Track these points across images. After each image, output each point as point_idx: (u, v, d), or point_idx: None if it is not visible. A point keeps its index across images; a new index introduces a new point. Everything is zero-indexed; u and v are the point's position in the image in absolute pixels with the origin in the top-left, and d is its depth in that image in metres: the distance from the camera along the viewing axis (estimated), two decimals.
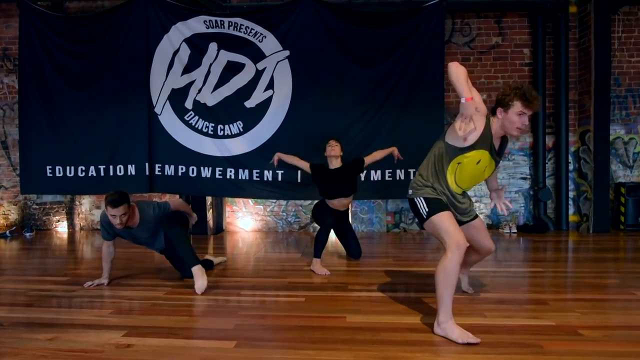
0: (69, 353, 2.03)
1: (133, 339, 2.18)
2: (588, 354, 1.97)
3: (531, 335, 2.17)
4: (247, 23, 5.06)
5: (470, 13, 5.68)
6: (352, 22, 5.06)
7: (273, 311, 2.65)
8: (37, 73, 5.30)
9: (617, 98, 5.74)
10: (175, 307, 2.74)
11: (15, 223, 6.11)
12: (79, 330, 2.31)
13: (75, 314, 2.61)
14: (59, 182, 5.32)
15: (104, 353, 2.02)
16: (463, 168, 2.32)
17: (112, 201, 2.93)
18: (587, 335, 2.18)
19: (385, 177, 5.09)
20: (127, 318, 2.51)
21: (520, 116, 2.18)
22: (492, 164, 2.37)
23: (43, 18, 5.27)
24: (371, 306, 2.69)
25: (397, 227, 5.85)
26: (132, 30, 5.16)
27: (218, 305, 2.79)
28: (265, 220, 5.96)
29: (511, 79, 5.72)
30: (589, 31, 5.39)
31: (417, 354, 1.98)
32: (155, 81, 5.18)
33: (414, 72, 5.09)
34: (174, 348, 2.08)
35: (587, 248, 4.66)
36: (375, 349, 2.04)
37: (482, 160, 2.31)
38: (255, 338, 2.21)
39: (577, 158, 5.70)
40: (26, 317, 2.53)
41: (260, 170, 5.13)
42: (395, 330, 2.27)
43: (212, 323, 2.45)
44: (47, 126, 5.31)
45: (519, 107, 2.16)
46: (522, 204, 5.80)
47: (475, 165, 2.32)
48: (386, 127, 5.08)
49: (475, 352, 1.98)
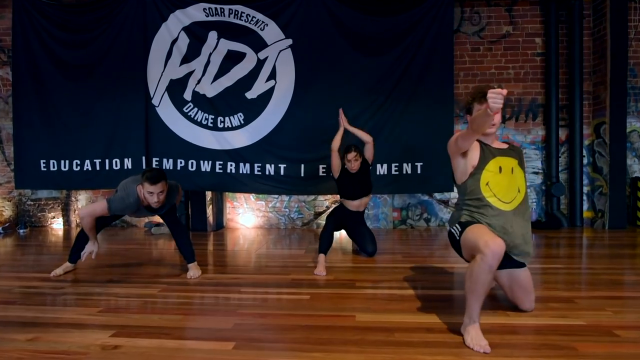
0: (49, 355, 1.83)
1: (121, 340, 1.98)
2: (628, 356, 1.76)
3: (562, 336, 1.95)
4: (248, 11, 4.87)
5: (480, 1, 5.46)
6: (356, 8, 4.86)
7: (275, 310, 2.44)
8: (32, 64, 5.14)
9: (632, 89, 5.51)
10: (169, 305, 2.54)
11: (9, 219, 5.92)
12: (63, 330, 2.11)
13: (60, 312, 2.41)
14: (54, 176, 5.15)
15: (87, 355, 1.82)
16: (492, 183, 2.14)
17: (151, 177, 2.75)
18: (623, 336, 1.97)
19: (392, 172, 4.90)
20: (117, 317, 2.31)
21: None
22: (514, 162, 2.19)
23: (37, 7, 5.10)
24: (382, 304, 2.47)
25: (403, 223, 5.63)
26: (129, 19, 4.99)
27: (216, 304, 2.58)
28: (267, 216, 5.75)
29: (522, 69, 5.49)
30: (605, 19, 5.17)
31: (437, 356, 1.77)
32: (152, 72, 5.00)
33: (422, 61, 4.90)
34: (165, 350, 1.88)
35: (604, 244, 4.44)
36: (390, 350, 1.83)
37: (502, 166, 2.15)
38: (256, 339, 2.00)
39: (591, 152, 5.47)
40: (5, 316, 2.33)
41: (262, 164, 4.94)
42: (410, 330, 2.06)
43: (209, 322, 2.24)
44: (41, 119, 5.14)
45: (477, 107, 2.18)
46: (534, 200, 5.57)
47: (499, 174, 2.14)
48: (394, 118, 4.89)
49: (503, 355, 1.76)
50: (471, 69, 5.52)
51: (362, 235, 3.86)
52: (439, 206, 5.63)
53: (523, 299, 2.25)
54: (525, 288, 2.23)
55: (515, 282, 2.24)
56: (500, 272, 2.24)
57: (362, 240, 3.84)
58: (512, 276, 2.24)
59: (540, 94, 5.51)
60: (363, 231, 3.87)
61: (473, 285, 1.89)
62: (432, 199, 5.62)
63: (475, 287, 1.88)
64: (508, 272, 2.23)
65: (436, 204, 5.64)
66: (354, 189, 3.80)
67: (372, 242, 3.81)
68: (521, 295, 2.24)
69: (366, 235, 3.85)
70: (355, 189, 3.80)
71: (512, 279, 2.24)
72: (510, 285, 2.26)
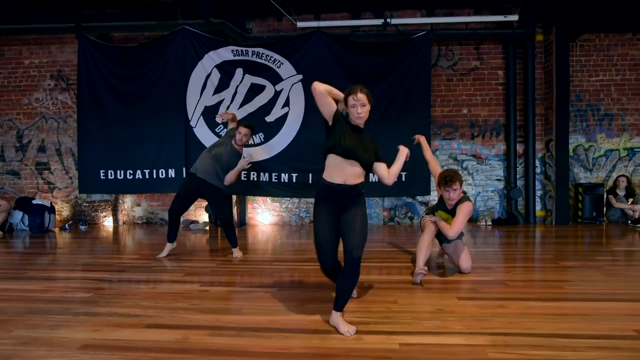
0: (169, 294, 3.10)
1: (208, 287, 3.25)
2: (512, 295, 3.03)
3: (474, 285, 3.23)
4: (267, 52, 6.15)
5: (453, 41, 6.75)
6: (354, 50, 6.14)
7: (299, 274, 3.71)
8: (93, 93, 6.39)
9: (578, 112, 6.80)
10: (225, 271, 3.81)
11: (68, 218, 7.19)
12: (173, 283, 3.39)
13: (167, 274, 3.69)
14: (111, 183, 6.41)
15: (189, 294, 3.10)
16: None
17: (246, 125, 4.36)
18: (510, 285, 3.25)
19: None
20: (197, 277, 3.58)
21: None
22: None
23: (98, 47, 6.36)
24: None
25: (392, 220, 6.92)
26: (172, 58, 6.25)
27: (259, 270, 3.86)
28: (280, 215, 7.03)
29: (488, 96, 6.79)
30: (552, 56, 6.46)
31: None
32: (191, 100, 6.26)
33: (406, 90, 6.16)
34: (233, 292, 3.16)
35: (551, 236, 5.68)
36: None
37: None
38: (289, 286, 3.27)
39: (543, 162, 6.76)
40: (126, 277, 3.62)
41: (278, 174, 6.20)
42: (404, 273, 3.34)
43: (256, 279, 3.52)
44: (101, 137, 6.39)
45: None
46: (497, 201, 6.86)
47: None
48: (383, 136, 6.12)
49: (450, 291, 3.05)
50: (446, 95, 6.81)
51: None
52: (420, 207, 6.92)
53: (459, 262, 3.53)
54: (458, 254, 3.53)
55: (454, 251, 3.55)
56: (446, 245, 3.54)
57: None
58: (455, 246, 3.54)
59: (502, 116, 6.80)
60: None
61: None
62: (415, 200, 6.91)
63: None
64: (452, 243, 3.54)
65: (418, 205, 6.92)
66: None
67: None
68: (456, 259, 3.54)
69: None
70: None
71: (452, 248, 3.55)
72: (452, 252, 3.57)
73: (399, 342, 2.20)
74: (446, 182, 3.38)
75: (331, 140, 2.48)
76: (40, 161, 7.34)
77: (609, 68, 6.77)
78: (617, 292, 3.04)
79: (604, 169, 6.87)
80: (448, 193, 3.40)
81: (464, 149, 6.88)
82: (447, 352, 2.10)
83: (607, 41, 6.74)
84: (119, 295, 3.09)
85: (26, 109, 7.32)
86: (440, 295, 3.00)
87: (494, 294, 3.01)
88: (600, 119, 6.82)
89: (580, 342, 2.17)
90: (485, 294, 3.01)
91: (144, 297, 3.02)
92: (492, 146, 6.85)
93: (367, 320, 2.50)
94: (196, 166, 4.35)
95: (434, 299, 2.93)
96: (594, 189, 6.52)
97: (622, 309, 2.69)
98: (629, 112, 6.79)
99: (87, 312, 2.72)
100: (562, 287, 3.18)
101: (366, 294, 3.03)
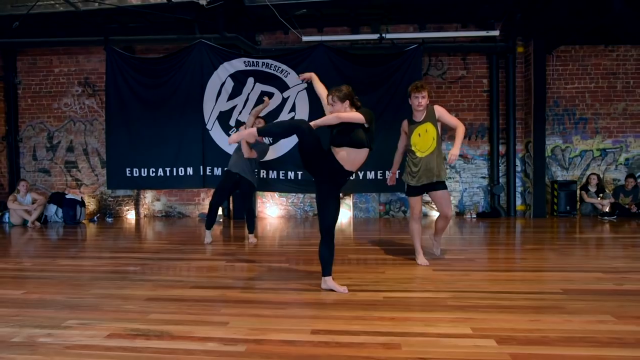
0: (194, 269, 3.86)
1: (232, 264, 4.01)
2: (476, 273, 3.79)
3: (449, 262, 3.99)
4: (275, 63, 6.88)
5: (443, 53, 7.49)
6: (353, 61, 6.87)
7: (305, 255, 4.46)
8: (120, 99, 7.13)
9: (556, 116, 7.55)
10: (244, 254, 4.57)
11: (94, 212, 7.96)
12: (203, 263, 4.15)
13: (194, 253, 4.45)
14: (136, 180, 7.15)
15: (215, 268, 3.86)
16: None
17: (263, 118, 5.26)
18: (476, 260, 4.00)
19: (377, 177, 6.91)
20: (221, 258, 4.34)
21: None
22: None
23: (124, 58, 7.10)
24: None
25: (387, 214, 7.67)
26: (190, 68, 6.98)
27: (271, 252, 4.61)
28: (287, 209, 7.79)
29: (474, 102, 7.54)
30: (530, 67, 7.20)
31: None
32: (207, 105, 7.00)
33: (399, 98, 6.88)
34: (252, 266, 3.92)
35: (528, 227, 6.42)
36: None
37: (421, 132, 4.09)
38: (300, 261, 4.03)
39: (523, 162, 7.51)
40: (160, 258, 4.38)
41: (285, 171, 6.94)
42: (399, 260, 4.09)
43: (270, 260, 4.28)
44: (127, 139, 7.12)
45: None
46: (481, 197, 7.61)
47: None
48: (379, 139, 6.85)
49: (439, 265, 3.81)
50: (436, 101, 7.48)
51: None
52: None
53: (444, 208, 3.87)
54: (440, 202, 3.85)
55: (441, 198, 3.86)
56: (433, 193, 3.92)
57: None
58: (442, 195, 3.85)
59: (487, 120, 7.55)
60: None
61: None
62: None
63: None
64: (433, 193, 3.89)
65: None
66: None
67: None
68: (441, 207, 3.91)
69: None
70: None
71: (435, 197, 3.90)
72: (439, 199, 3.89)
73: (383, 296, 2.96)
74: (417, 88, 3.87)
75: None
76: (69, 160, 8.11)
77: (583, 77, 7.51)
78: (559, 266, 3.79)
79: (579, 168, 7.61)
80: (417, 99, 3.82)
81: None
82: (417, 302, 2.85)
83: (582, 52, 7.48)
84: (162, 268, 3.86)
85: (56, 113, 8.09)
86: (421, 268, 3.75)
87: (463, 267, 3.76)
88: (576, 122, 7.56)
89: (517, 296, 2.92)
90: (456, 267, 3.76)
91: (183, 270, 3.79)
92: (477, 147, 7.60)
93: (360, 284, 3.26)
94: (230, 165, 5.17)
95: (415, 271, 3.68)
96: (568, 185, 7.27)
97: (559, 276, 3.44)
98: (602, 117, 7.53)
99: (141, 279, 3.48)
100: (518, 263, 3.93)
101: (361, 267, 3.78)
